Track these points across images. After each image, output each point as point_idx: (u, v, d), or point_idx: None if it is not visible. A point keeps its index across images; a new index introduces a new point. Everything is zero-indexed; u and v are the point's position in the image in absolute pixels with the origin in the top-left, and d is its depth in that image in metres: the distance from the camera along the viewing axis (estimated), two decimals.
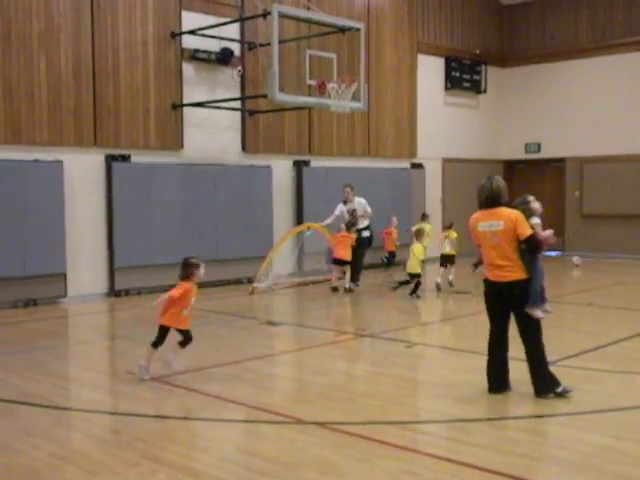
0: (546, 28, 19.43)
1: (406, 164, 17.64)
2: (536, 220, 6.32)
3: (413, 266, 11.90)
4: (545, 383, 6.18)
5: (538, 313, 6.19)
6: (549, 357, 6.26)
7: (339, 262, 12.82)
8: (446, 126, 18.60)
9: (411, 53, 17.62)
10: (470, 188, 19.14)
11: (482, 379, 6.47)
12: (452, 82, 18.56)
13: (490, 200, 6.27)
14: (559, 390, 6.14)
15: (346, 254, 12.70)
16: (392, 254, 15.99)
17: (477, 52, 19.15)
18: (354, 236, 12.88)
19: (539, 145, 19.69)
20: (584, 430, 5.40)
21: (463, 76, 18.83)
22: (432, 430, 5.56)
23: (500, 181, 6.33)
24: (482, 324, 8.69)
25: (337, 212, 13.49)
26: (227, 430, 5.63)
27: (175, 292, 6.79)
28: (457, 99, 19.01)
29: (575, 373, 6.92)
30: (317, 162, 15.56)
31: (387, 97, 17.07)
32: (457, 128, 18.96)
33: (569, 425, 5.56)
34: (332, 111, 12.71)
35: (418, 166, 17.87)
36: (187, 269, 6.90)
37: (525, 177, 20.11)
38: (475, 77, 19.18)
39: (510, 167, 20.17)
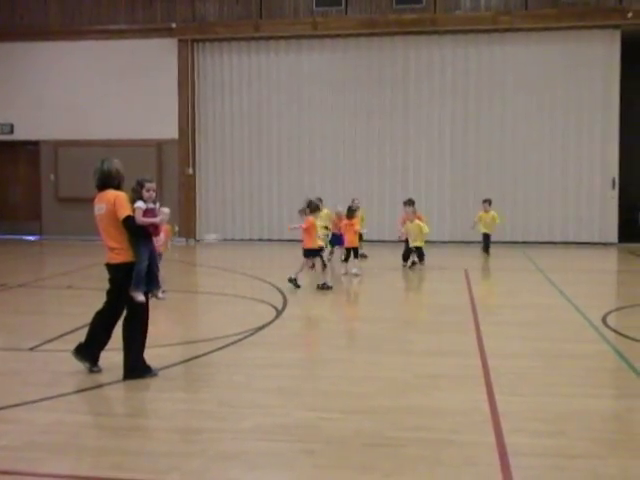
0: (16, 7, 18.87)
1: None
2: (139, 204, 6.16)
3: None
4: (136, 369, 6.19)
5: (140, 297, 6.12)
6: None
7: None
8: None
9: None
10: None
11: None
12: None
13: (100, 182, 6.27)
14: (148, 375, 6.20)
15: None
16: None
17: None
18: None
19: (12, 126, 19.09)
20: (67, 412, 5.52)
21: None
22: None
23: (113, 164, 6.28)
24: None
25: None
26: None
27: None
28: None
29: (57, 355, 7.00)
30: None
31: None
32: None
33: (53, 408, 5.60)
34: None
35: None
36: (313, 206, 10.02)
37: None
38: None
39: None
